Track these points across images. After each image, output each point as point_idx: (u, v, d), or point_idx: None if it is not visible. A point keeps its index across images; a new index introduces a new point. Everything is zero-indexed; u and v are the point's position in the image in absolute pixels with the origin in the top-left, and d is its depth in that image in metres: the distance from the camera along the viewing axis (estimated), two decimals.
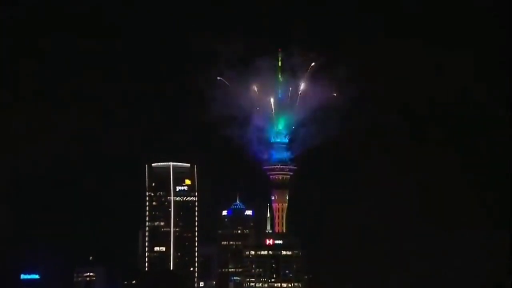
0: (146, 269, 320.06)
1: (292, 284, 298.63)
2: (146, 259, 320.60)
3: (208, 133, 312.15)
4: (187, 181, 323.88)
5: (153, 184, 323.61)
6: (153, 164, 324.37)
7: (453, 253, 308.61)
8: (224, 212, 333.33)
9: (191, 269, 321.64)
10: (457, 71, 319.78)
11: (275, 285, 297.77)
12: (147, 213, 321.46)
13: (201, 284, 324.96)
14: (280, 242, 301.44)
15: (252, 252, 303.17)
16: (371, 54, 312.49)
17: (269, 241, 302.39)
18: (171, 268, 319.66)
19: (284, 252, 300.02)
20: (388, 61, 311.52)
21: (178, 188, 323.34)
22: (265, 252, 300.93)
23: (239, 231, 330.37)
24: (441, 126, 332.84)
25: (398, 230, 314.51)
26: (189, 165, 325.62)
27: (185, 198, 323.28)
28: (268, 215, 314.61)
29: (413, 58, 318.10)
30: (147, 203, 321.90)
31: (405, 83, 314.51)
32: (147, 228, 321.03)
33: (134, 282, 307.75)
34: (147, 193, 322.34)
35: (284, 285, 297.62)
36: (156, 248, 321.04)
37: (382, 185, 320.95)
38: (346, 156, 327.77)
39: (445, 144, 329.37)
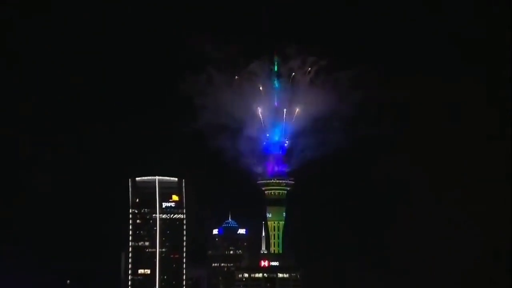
0: None
1: None
2: (129, 283, 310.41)
3: (197, 144, 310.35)
4: (174, 197, 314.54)
5: (137, 200, 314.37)
6: (137, 179, 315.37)
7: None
8: (215, 231, 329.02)
9: None
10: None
11: None
12: (130, 232, 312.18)
13: None
14: (276, 263, 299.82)
15: (246, 275, 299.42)
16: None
17: (264, 263, 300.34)
18: None
19: (280, 275, 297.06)
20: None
21: (164, 204, 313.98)
22: (260, 275, 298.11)
23: (231, 252, 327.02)
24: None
25: (403, 247, 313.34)
26: (176, 179, 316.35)
27: (172, 215, 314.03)
28: (263, 234, 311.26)
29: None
30: (130, 221, 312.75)
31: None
32: (130, 249, 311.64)
33: None
34: (130, 210, 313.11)
35: None
36: (140, 271, 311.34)
37: (388, 201, 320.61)
38: (349, 170, 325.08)
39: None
